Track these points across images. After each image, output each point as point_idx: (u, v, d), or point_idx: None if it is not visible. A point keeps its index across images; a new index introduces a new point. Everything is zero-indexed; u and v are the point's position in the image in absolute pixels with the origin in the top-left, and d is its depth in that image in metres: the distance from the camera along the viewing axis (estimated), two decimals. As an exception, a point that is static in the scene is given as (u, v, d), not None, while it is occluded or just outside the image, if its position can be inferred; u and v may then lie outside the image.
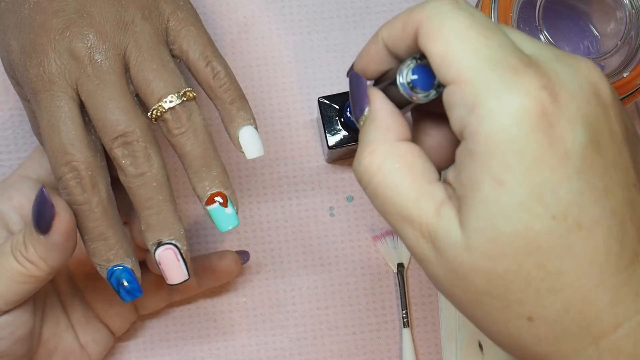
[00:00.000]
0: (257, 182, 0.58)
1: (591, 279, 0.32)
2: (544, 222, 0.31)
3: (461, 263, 0.33)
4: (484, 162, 0.32)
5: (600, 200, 0.32)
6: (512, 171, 0.31)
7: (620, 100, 0.34)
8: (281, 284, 0.57)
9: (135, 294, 0.46)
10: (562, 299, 0.32)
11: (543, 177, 0.31)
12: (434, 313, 0.57)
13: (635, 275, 0.32)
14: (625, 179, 0.32)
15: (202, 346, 0.57)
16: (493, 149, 0.31)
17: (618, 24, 0.51)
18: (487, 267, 0.32)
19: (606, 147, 0.32)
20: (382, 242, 0.57)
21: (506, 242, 0.32)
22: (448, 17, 0.33)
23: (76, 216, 0.45)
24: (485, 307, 0.33)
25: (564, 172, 0.31)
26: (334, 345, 0.57)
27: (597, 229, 0.32)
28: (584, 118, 0.32)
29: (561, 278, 0.32)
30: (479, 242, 0.32)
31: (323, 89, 0.58)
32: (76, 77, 0.45)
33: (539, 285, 0.32)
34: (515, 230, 0.31)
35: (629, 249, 0.32)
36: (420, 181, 0.34)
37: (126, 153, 0.44)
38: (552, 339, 0.33)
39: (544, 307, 0.32)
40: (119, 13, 0.46)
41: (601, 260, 0.32)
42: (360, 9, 0.59)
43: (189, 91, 0.46)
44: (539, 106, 0.31)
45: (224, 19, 0.59)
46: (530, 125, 0.31)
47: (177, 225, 0.45)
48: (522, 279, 0.32)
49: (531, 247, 0.32)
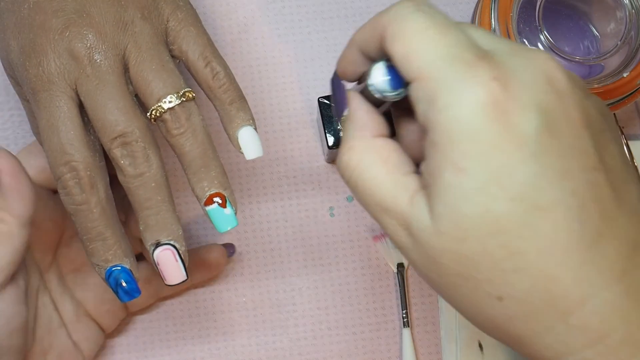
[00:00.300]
0: (257, 182, 0.58)
1: (554, 258, 0.33)
2: (502, 205, 0.33)
3: (433, 247, 0.35)
4: (444, 151, 0.33)
5: (558, 182, 0.33)
6: (470, 158, 0.33)
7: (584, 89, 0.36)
8: (281, 284, 0.57)
9: (134, 295, 0.46)
10: (527, 277, 0.33)
11: (499, 162, 0.33)
12: (434, 313, 0.57)
13: (599, 254, 0.33)
14: (585, 162, 0.34)
15: (202, 346, 0.57)
16: (452, 139, 0.33)
17: (618, 24, 0.51)
18: (455, 249, 0.34)
19: (562, 132, 0.33)
20: (382, 242, 0.57)
21: (470, 224, 0.33)
22: (408, 19, 0.35)
23: (75, 216, 0.45)
24: (460, 290, 0.35)
25: (519, 156, 0.33)
26: (334, 345, 0.57)
27: (556, 209, 0.33)
28: (537, 105, 0.33)
29: (524, 257, 0.33)
30: (446, 226, 0.34)
31: (323, 89, 0.58)
32: (75, 77, 0.45)
33: (504, 265, 0.33)
34: (476, 213, 0.33)
35: (590, 228, 0.33)
36: (395, 173, 0.37)
37: (125, 153, 0.44)
38: (522, 317, 0.34)
39: (511, 286, 0.34)
40: (118, 13, 0.46)
41: (562, 239, 0.33)
42: (360, 9, 0.59)
43: (188, 91, 0.46)
44: (491, 96, 0.33)
45: (224, 19, 0.59)
46: (484, 114, 0.33)
47: (175, 225, 0.45)
48: (488, 259, 0.34)
49: (492, 228, 0.33)
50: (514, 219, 0.33)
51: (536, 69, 0.34)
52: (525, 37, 0.50)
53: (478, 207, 0.33)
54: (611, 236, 0.34)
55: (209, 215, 0.46)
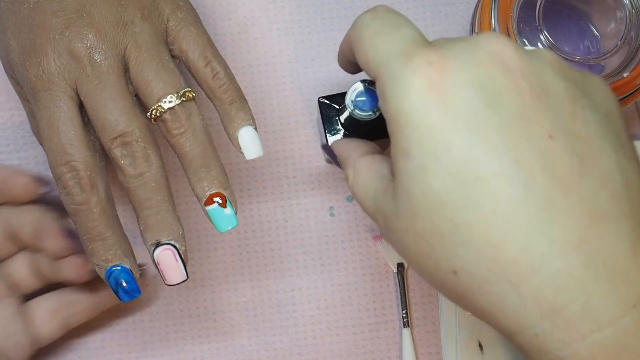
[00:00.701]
0: (257, 182, 0.58)
1: (498, 228, 0.34)
2: (442, 180, 0.34)
3: (396, 230, 0.37)
4: (396, 139, 0.36)
5: (498, 153, 0.34)
6: (412, 141, 0.35)
7: (548, 61, 0.36)
8: (281, 284, 0.57)
9: (134, 294, 0.46)
10: (473, 249, 0.34)
11: (437, 141, 0.34)
12: (434, 313, 0.57)
13: (552, 222, 0.33)
14: (534, 132, 0.34)
15: (202, 346, 0.57)
16: (398, 126, 0.35)
17: (618, 24, 0.51)
18: (411, 229, 0.36)
19: (507, 104, 0.34)
20: (382, 242, 0.57)
21: (418, 203, 0.35)
22: (364, 29, 0.38)
23: (75, 216, 0.45)
24: (425, 268, 0.37)
25: (455, 133, 0.34)
26: (334, 345, 0.57)
27: (496, 180, 0.34)
28: (473, 82, 0.35)
29: (469, 229, 0.34)
30: (402, 208, 0.36)
31: (323, 89, 0.58)
32: (75, 77, 0.45)
33: (452, 239, 0.35)
34: (421, 192, 0.35)
35: (539, 197, 0.34)
36: (375, 179, 0.40)
37: (125, 153, 0.44)
38: (477, 289, 0.35)
39: (461, 258, 0.35)
40: (118, 13, 0.46)
41: (505, 208, 0.34)
42: (360, 9, 0.59)
43: (188, 91, 0.46)
44: (427, 80, 0.35)
45: (224, 19, 0.59)
46: (421, 98, 0.35)
47: (175, 225, 0.45)
48: (438, 234, 0.35)
49: (436, 204, 0.35)
50: (454, 193, 0.34)
51: (478, 48, 0.35)
52: (525, 37, 0.50)
53: (422, 185, 0.35)
54: (569, 205, 0.34)
55: (209, 215, 0.46)
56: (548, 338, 0.34)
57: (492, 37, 0.36)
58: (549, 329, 0.34)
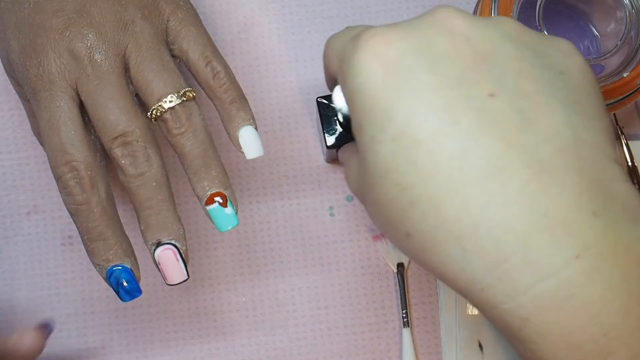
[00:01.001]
0: (257, 182, 0.58)
1: (439, 187, 0.34)
2: (386, 146, 0.35)
3: (367, 203, 0.38)
4: (353, 117, 0.38)
5: (436, 114, 0.35)
6: (362, 115, 0.37)
7: (495, 25, 0.37)
8: (281, 284, 0.57)
9: (135, 294, 0.46)
10: (420, 210, 0.35)
11: (381, 109, 0.36)
12: (434, 313, 0.57)
13: (490, 177, 0.34)
14: (474, 91, 0.35)
15: (202, 346, 0.57)
16: (352, 105, 0.37)
17: (618, 24, 0.51)
18: (372, 198, 0.37)
19: (447, 67, 0.35)
20: (382, 242, 0.57)
21: (371, 172, 0.37)
22: (331, 41, 0.40)
23: (76, 216, 0.45)
24: (389, 235, 0.38)
25: (396, 99, 0.35)
26: (334, 345, 0.57)
27: (435, 140, 0.35)
28: (414, 49, 0.36)
29: (413, 190, 0.35)
30: (363, 180, 0.38)
31: (323, 88, 0.58)
32: (76, 77, 0.45)
33: (402, 202, 0.36)
34: (372, 161, 0.36)
35: (477, 153, 0.34)
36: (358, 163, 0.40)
37: (126, 153, 0.44)
38: (429, 249, 0.36)
39: (411, 220, 0.36)
40: (119, 13, 0.46)
41: (444, 167, 0.34)
42: (360, 9, 0.59)
43: (188, 91, 0.46)
44: (371, 53, 0.36)
45: (224, 19, 0.59)
46: (367, 72, 0.36)
47: (176, 225, 0.45)
48: (388, 199, 0.36)
49: (383, 170, 0.36)
50: (397, 158, 0.35)
51: (424, 19, 0.37)
52: (525, 37, 0.50)
53: (371, 154, 0.36)
54: (508, 160, 0.34)
55: (210, 215, 0.46)
56: (493, 292, 0.34)
57: (442, 8, 0.37)
58: (493, 282, 0.34)
